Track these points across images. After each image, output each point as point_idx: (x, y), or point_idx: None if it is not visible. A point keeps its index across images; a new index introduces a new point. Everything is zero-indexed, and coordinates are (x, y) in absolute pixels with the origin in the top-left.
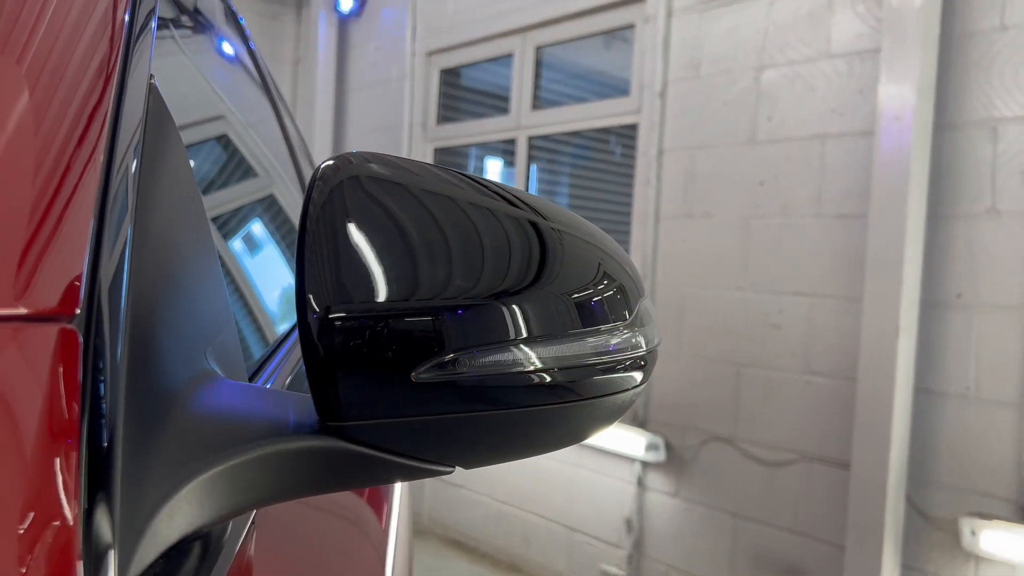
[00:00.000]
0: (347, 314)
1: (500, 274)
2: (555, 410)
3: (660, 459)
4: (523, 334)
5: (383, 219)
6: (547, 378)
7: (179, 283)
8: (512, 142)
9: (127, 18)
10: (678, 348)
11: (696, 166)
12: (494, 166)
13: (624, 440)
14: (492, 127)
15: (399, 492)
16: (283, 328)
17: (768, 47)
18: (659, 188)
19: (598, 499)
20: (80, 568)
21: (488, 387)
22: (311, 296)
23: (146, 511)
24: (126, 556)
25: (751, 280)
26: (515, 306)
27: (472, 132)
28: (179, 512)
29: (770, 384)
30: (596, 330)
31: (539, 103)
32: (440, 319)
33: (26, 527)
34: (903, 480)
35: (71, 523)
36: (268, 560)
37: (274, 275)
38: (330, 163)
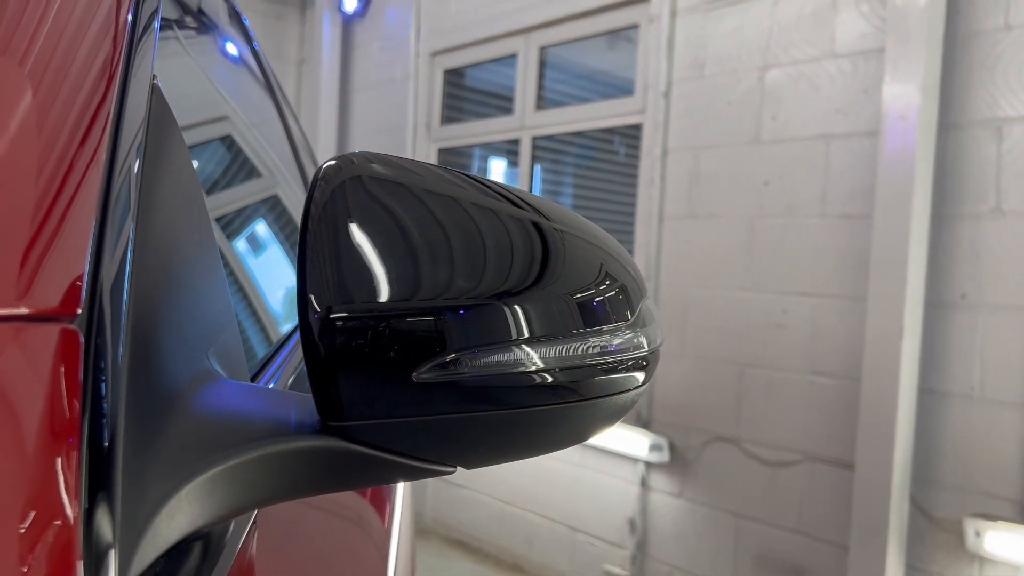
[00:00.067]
0: (348, 314)
1: (502, 274)
2: (557, 410)
3: (664, 459)
4: (525, 334)
5: (384, 219)
6: (549, 378)
7: (181, 283)
8: (516, 142)
9: (130, 18)
10: (682, 348)
11: (700, 166)
12: (498, 166)
13: (628, 440)
14: (496, 127)
15: (401, 492)
16: (286, 328)
17: (772, 47)
18: (663, 188)
19: (601, 499)
20: (80, 568)
21: (490, 387)
22: (312, 296)
23: (147, 511)
24: (127, 556)
25: (755, 280)
26: (517, 306)
27: (476, 132)
28: (180, 512)
29: (774, 384)
30: (598, 330)
31: (543, 103)
32: (441, 319)
33: (27, 526)
34: (907, 480)
35: (72, 523)
36: (269, 560)
37: (277, 275)
38: (332, 163)
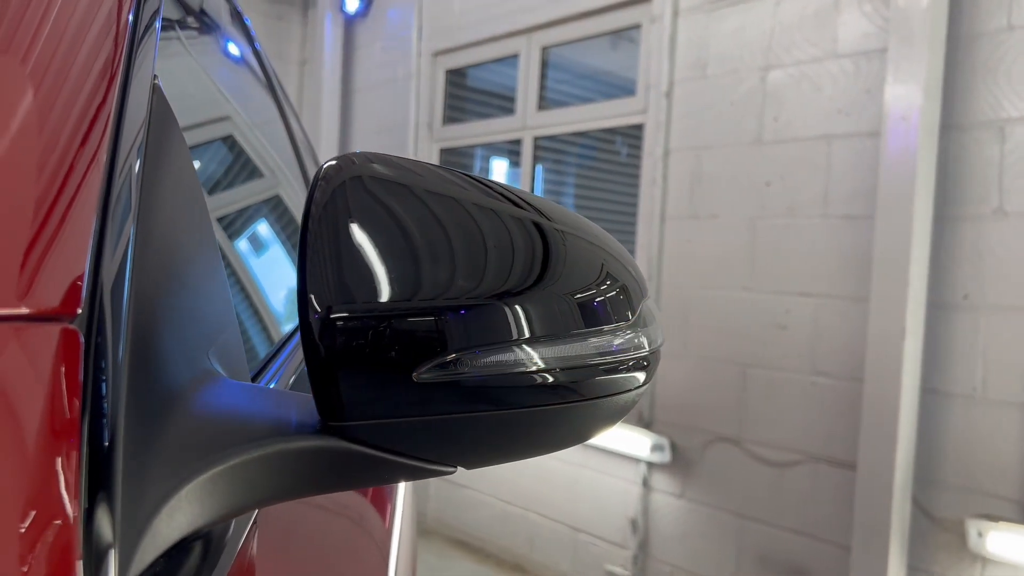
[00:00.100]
0: (348, 314)
1: (502, 274)
2: (557, 410)
3: (665, 460)
4: (525, 334)
5: (385, 219)
6: (549, 378)
7: (182, 283)
8: (518, 142)
9: (131, 18)
10: (684, 349)
11: (702, 166)
12: (500, 166)
13: (629, 441)
14: (498, 127)
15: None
16: (287, 328)
17: (774, 47)
18: (665, 188)
19: (603, 500)
20: (80, 567)
21: (490, 387)
22: (312, 296)
23: (147, 510)
24: (127, 555)
25: (757, 281)
26: (517, 306)
27: (478, 132)
28: (180, 512)
29: (776, 385)
30: (599, 330)
31: (545, 103)
32: (442, 319)
33: (26, 526)
34: (909, 481)
35: (71, 522)
36: (270, 560)
37: (279, 275)
38: (332, 163)
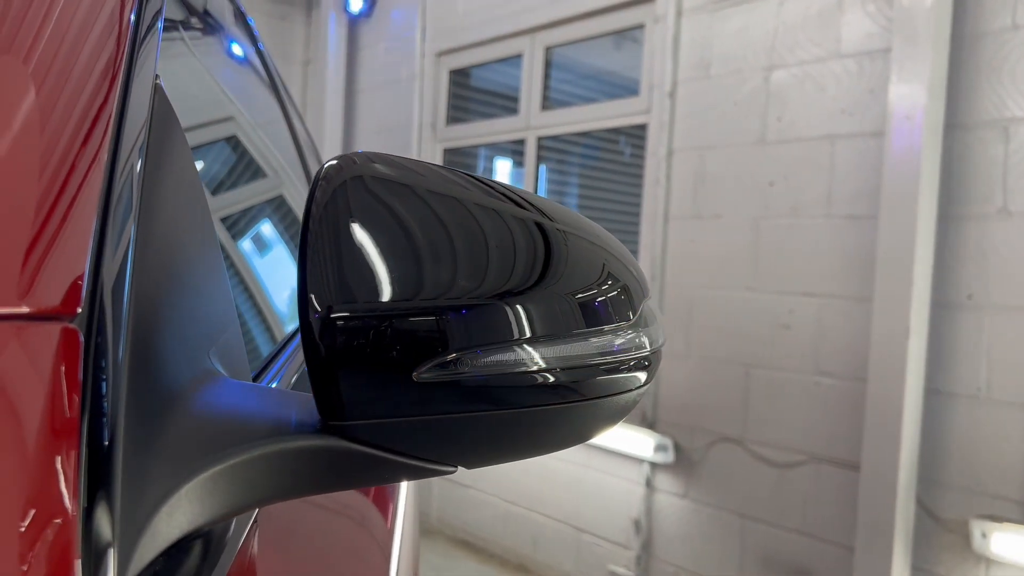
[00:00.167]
0: (349, 313)
1: (503, 274)
2: (558, 410)
3: (669, 460)
4: (526, 334)
5: (385, 219)
6: (550, 378)
7: (183, 283)
8: (521, 142)
9: (133, 18)
10: (687, 349)
11: (706, 166)
12: (503, 166)
13: (633, 441)
14: (501, 127)
15: (405, 492)
16: (290, 328)
17: (778, 47)
18: (668, 188)
19: (606, 500)
20: (79, 566)
21: (491, 387)
22: (313, 296)
23: (147, 509)
24: (126, 554)
25: (760, 281)
26: (518, 306)
27: (481, 133)
28: (179, 510)
29: (779, 385)
30: (600, 330)
31: (548, 103)
32: (442, 319)
33: (26, 525)
34: (913, 481)
35: (71, 521)
36: (270, 559)
37: (282, 275)
38: (333, 163)
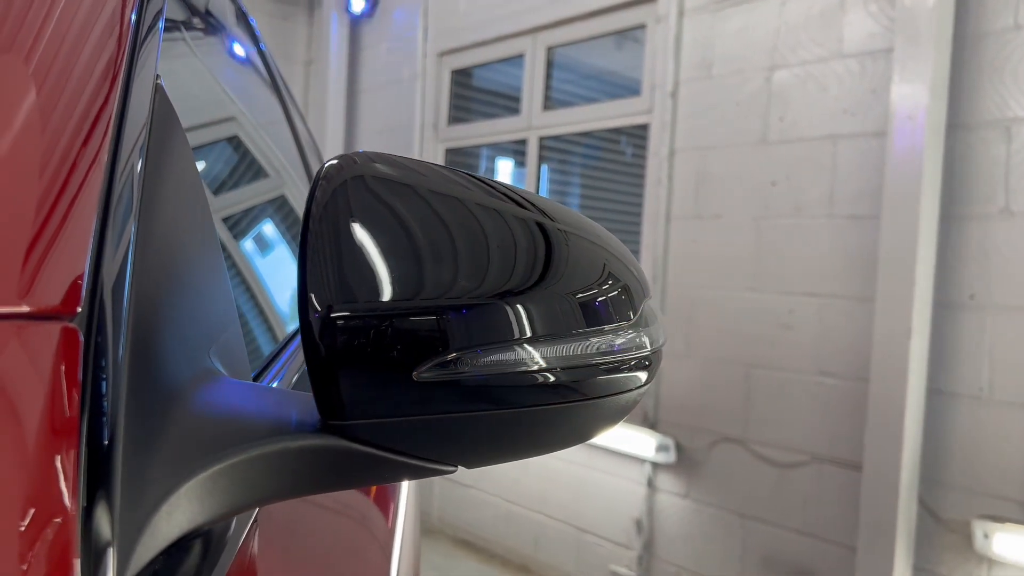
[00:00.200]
0: (349, 313)
1: (504, 274)
2: (558, 410)
3: (670, 460)
4: (526, 334)
5: (385, 218)
6: (550, 378)
7: (183, 282)
8: (523, 142)
9: (134, 18)
10: (689, 349)
11: (707, 167)
12: (505, 167)
13: (634, 441)
14: (503, 128)
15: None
16: (291, 328)
17: (780, 47)
18: (670, 188)
19: (608, 500)
20: (78, 565)
21: (491, 386)
22: (313, 295)
23: (146, 508)
24: (125, 553)
25: (762, 281)
26: (519, 306)
27: (483, 133)
28: (179, 510)
29: (781, 385)
30: (600, 330)
31: (550, 103)
32: (442, 318)
33: (25, 524)
34: (915, 482)
35: (70, 520)
36: (271, 558)
37: (283, 275)
38: (333, 162)
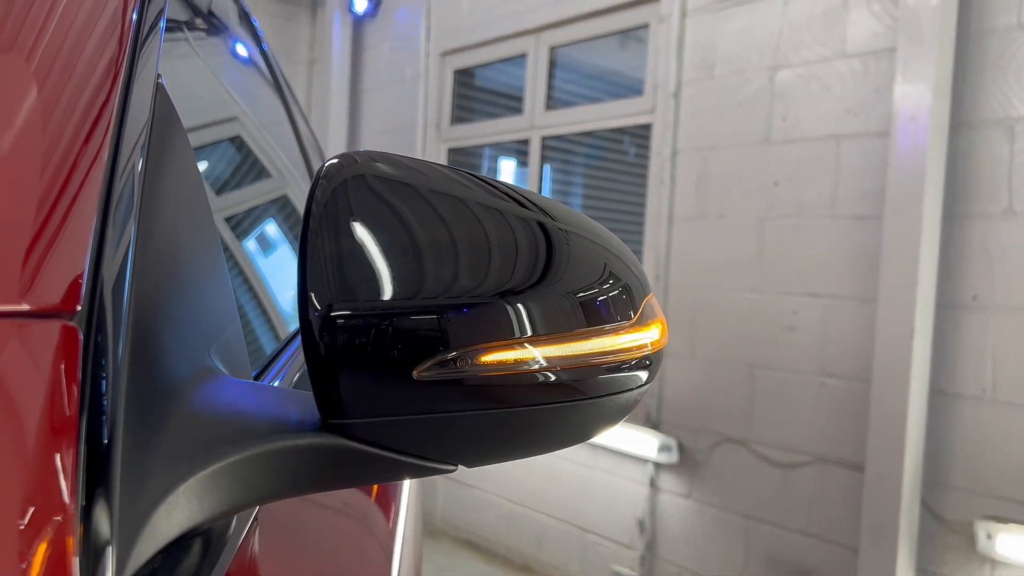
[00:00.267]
0: (348, 312)
1: (505, 273)
2: (559, 409)
3: (673, 460)
4: (527, 333)
5: (385, 217)
6: (551, 377)
7: (183, 282)
8: (526, 142)
9: (135, 18)
10: (691, 350)
11: (710, 167)
12: (508, 166)
13: (637, 441)
14: (506, 127)
15: (407, 491)
16: (294, 327)
17: (783, 47)
18: (673, 189)
19: (611, 500)
20: (77, 564)
21: (491, 385)
22: (312, 294)
23: (146, 507)
24: (124, 552)
25: (765, 281)
26: (519, 305)
27: (486, 132)
28: (179, 508)
29: (784, 386)
30: (601, 329)
31: (553, 103)
32: (443, 317)
33: (23, 523)
34: (918, 482)
35: (69, 519)
36: (271, 557)
37: (286, 275)
38: (334, 161)
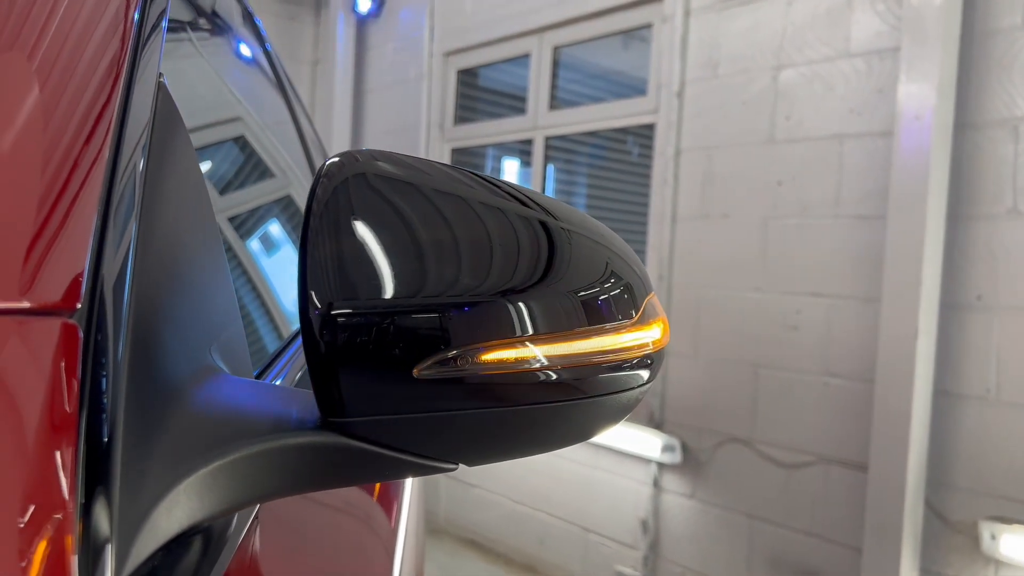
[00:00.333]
0: (349, 310)
1: (506, 272)
2: (560, 408)
3: (676, 460)
4: (528, 331)
5: (386, 215)
6: (552, 375)
7: (184, 280)
8: (529, 142)
9: (137, 17)
10: (695, 349)
11: (714, 166)
12: (511, 166)
13: (640, 441)
14: (509, 127)
15: (410, 490)
16: (296, 326)
17: (786, 46)
18: (676, 188)
19: (614, 500)
20: (76, 562)
21: (492, 384)
22: (313, 292)
23: (146, 505)
24: (124, 549)
25: (769, 281)
26: (520, 303)
27: (489, 132)
28: (179, 506)
29: (787, 386)
30: (602, 328)
31: (556, 103)
32: (444, 316)
33: (23, 520)
34: (922, 483)
35: (68, 517)
36: (271, 555)
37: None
38: (335, 160)
